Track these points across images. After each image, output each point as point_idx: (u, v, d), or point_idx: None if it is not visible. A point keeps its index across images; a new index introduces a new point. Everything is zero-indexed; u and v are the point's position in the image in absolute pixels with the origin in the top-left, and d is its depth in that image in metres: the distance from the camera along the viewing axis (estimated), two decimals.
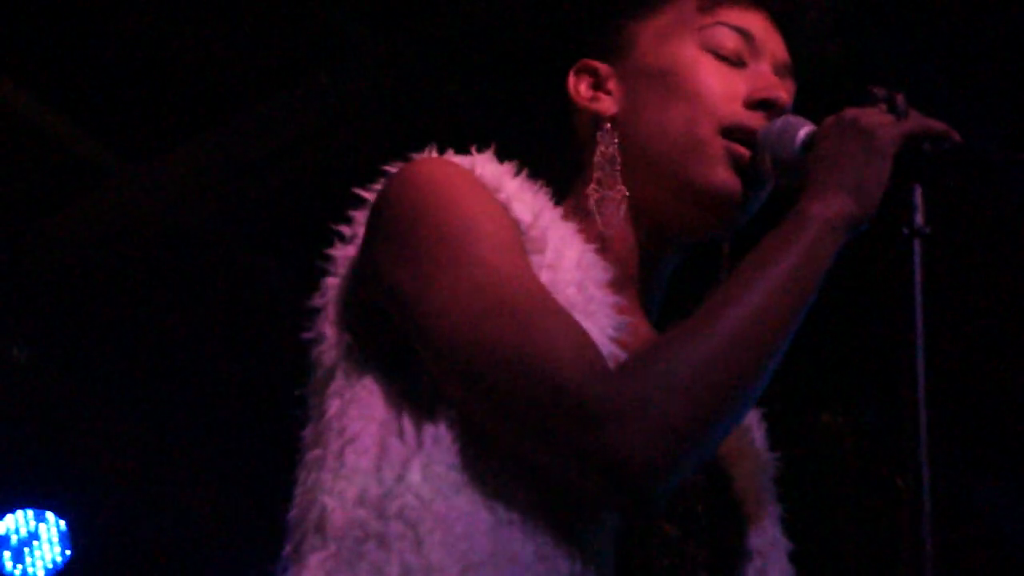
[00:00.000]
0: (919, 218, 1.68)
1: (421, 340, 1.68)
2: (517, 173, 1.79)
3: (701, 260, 1.94)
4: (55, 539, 4.93)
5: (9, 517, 4.89)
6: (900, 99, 1.74)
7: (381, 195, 1.75)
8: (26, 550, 4.90)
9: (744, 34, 1.88)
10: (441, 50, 3.79)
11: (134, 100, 4.05)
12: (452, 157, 1.79)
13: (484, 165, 1.77)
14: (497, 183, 1.76)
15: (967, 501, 4.57)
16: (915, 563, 1.58)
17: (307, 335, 1.79)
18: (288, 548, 1.70)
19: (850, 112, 1.75)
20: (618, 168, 1.85)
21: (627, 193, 1.84)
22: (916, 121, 1.72)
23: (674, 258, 1.92)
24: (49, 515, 4.93)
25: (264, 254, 4.49)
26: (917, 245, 1.67)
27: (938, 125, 1.72)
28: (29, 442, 4.92)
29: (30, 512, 4.92)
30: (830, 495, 4.64)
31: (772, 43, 1.90)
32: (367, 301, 1.75)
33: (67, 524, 4.95)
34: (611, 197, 1.84)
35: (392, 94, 3.95)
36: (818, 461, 4.61)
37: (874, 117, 1.73)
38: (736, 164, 1.82)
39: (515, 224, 1.73)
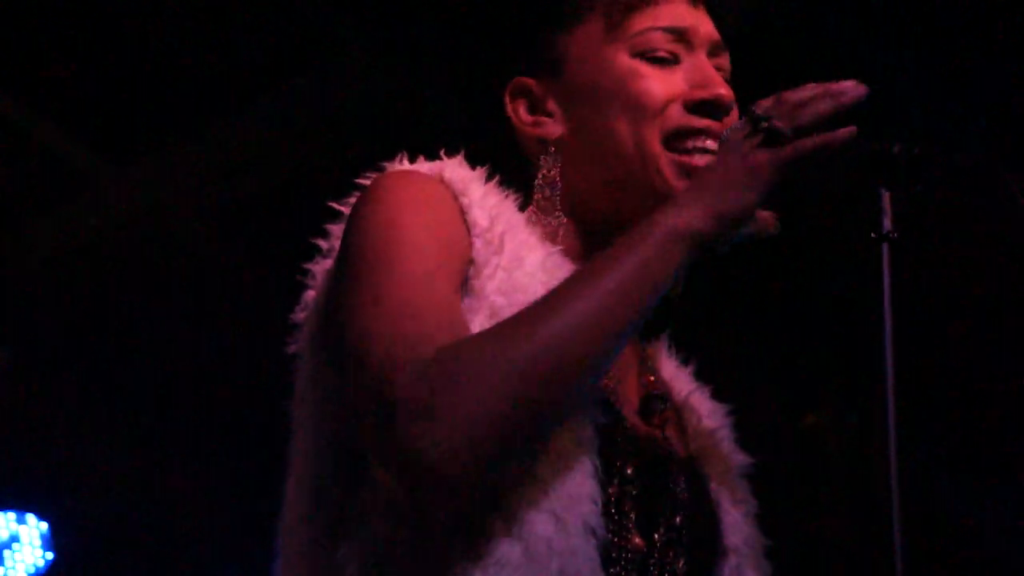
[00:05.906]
0: (887, 223, 1.69)
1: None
2: (487, 179, 1.80)
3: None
4: (37, 541, 4.90)
5: None
6: (782, 124, 1.67)
7: (352, 210, 1.77)
8: (7, 552, 4.87)
9: (672, 31, 1.86)
10: (424, 52, 3.81)
11: (118, 104, 4.05)
12: (422, 164, 1.81)
13: (453, 170, 1.79)
14: (463, 187, 1.77)
15: (940, 500, 4.60)
16: (885, 560, 1.59)
17: (291, 350, 1.83)
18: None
19: (734, 130, 1.71)
20: (559, 192, 1.86)
21: (564, 220, 1.85)
22: (795, 149, 1.66)
23: None
24: (30, 517, 4.91)
25: (249, 257, 4.50)
26: (886, 249, 1.68)
27: (814, 143, 1.65)
28: (10, 443, 4.89)
29: (11, 514, 4.89)
30: (815, 494, 4.66)
31: (701, 26, 1.88)
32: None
33: (49, 526, 4.92)
34: (553, 218, 1.85)
35: (378, 97, 3.96)
36: (803, 461, 4.63)
37: (752, 142, 1.68)
38: (687, 174, 1.81)
39: (467, 231, 1.74)
